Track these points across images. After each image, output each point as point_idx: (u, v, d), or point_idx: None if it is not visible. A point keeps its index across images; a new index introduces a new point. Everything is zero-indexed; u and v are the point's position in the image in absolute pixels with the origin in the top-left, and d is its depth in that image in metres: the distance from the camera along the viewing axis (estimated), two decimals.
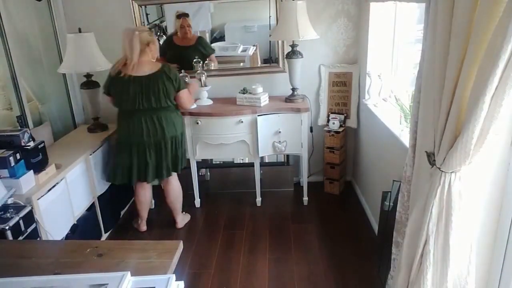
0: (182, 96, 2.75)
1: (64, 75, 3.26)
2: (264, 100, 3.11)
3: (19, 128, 2.59)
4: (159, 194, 3.24)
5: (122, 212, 3.36)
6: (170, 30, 3.38)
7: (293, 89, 3.19)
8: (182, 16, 3.25)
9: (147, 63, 2.64)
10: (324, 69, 3.37)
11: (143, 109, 2.65)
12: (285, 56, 3.14)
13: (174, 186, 3.01)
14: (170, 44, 3.37)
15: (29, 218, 2.01)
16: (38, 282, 1.10)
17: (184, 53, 3.33)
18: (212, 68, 3.38)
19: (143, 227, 3.07)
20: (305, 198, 3.35)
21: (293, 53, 3.05)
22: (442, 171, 1.38)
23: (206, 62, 3.31)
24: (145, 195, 2.99)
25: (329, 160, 3.40)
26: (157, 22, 3.42)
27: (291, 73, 3.13)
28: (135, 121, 2.69)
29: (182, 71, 3.15)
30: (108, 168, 2.90)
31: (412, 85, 1.98)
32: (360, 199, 3.37)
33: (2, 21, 2.58)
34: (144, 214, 3.05)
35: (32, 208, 2.06)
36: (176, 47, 3.36)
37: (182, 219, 3.14)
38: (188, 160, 3.18)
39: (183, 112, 3.04)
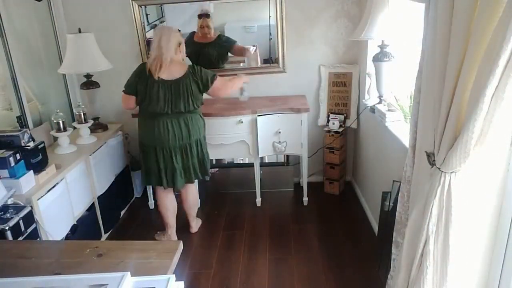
0: (217, 87, 2.63)
1: (64, 75, 3.26)
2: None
3: (19, 128, 2.59)
4: None
5: (122, 212, 3.35)
6: None
7: (380, 98, 2.78)
8: (203, 16, 3.26)
9: (178, 64, 2.56)
10: (324, 69, 3.37)
11: (169, 113, 2.56)
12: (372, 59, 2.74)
13: (193, 191, 2.94)
14: (190, 41, 3.34)
15: (29, 218, 2.01)
16: (38, 282, 1.10)
17: (204, 50, 3.33)
18: (253, 65, 3.41)
19: (175, 236, 2.92)
20: (305, 198, 3.35)
21: (383, 55, 2.65)
22: (442, 171, 1.38)
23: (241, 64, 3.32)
24: (170, 201, 2.86)
25: (329, 160, 3.40)
26: (157, 22, 3.42)
27: (378, 78, 2.73)
28: (160, 124, 2.58)
29: None
30: (143, 173, 2.80)
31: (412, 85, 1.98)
32: (360, 199, 3.37)
33: (2, 21, 2.58)
34: (172, 221, 2.89)
35: (32, 208, 2.06)
36: (196, 44, 3.35)
37: (196, 223, 3.09)
38: None
39: None
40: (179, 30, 2.67)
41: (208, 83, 2.60)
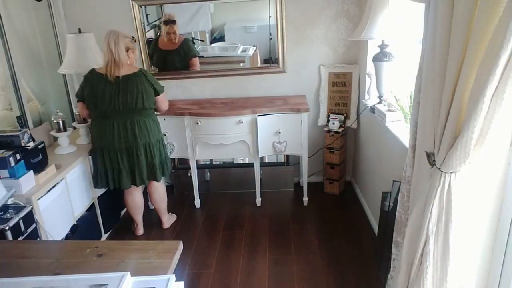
0: (161, 99, 2.71)
1: (64, 75, 3.26)
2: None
3: (19, 128, 2.59)
4: None
5: (122, 213, 3.35)
6: None
7: (380, 98, 2.76)
8: (169, 23, 3.29)
9: (126, 65, 2.59)
10: (324, 69, 3.37)
11: (117, 111, 2.57)
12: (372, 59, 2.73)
13: (156, 188, 2.98)
14: (156, 47, 3.42)
15: (29, 218, 2.01)
16: (38, 282, 1.10)
17: (168, 57, 3.39)
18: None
19: (139, 231, 3.05)
20: (305, 199, 3.35)
21: (383, 55, 2.65)
22: (442, 171, 1.38)
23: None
24: (133, 200, 2.94)
25: (329, 160, 3.40)
26: (157, 22, 3.42)
27: (378, 78, 2.72)
28: (107, 125, 2.62)
29: None
30: (93, 174, 2.82)
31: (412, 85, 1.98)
32: (360, 199, 3.37)
33: (2, 21, 2.58)
34: (138, 218, 3.01)
35: (32, 208, 2.06)
36: (161, 51, 3.42)
37: (168, 219, 3.14)
38: (188, 160, 3.19)
39: (183, 113, 3.04)
40: (133, 38, 2.69)
41: (159, 90, 2.67)
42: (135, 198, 2.94)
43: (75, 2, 3.24)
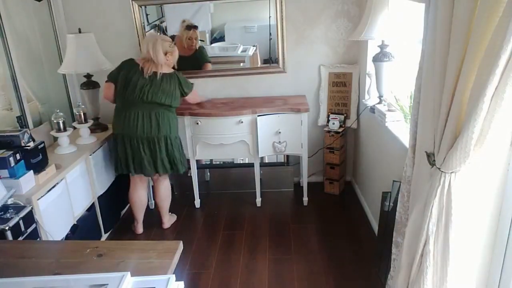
0: (190, 98, 2.95)
1: (64, 75, 3.26)
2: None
3: (19, 128, 2.59)
4: None
5: (122, 212, 3.36)
6: (170, 30, 3.38)
7: (380, 98, 2.77)
8: (192, 28, 3.28)
9: (164, 66, 2.73)
10: (324, 69, 3.37)
11: (143, 102, 2.69)
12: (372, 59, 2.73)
13: (164, 185, 3.00)
14: None
15: (29, 218, 2.01)
16: (38, 282, 1.10)
17: (184, 63, 3.34)
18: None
19: (139, 230, 3.06)
20: (305, 199, 3.35)
21: (383, 55, 2.64)
22: (442, 171, 1.38)
23: None
24: (138, 197, 2.97)
25: (329, 160, 3.40)
26: (157, 22, 3.42)
27: (378, 78, 2.72)
28: (131, 114, 2.72)
29: None
30: (113, 161, 2.95)
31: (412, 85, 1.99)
32: (360, 199, 3.37)
33: (2, 21, 2.58)
34: (139, 216, 3.03)
35: (32, 208, 2.06)
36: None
37: (168, 219, 3.14)
38: (188, 160, 3.19)
39: (183, 113, 3.04)
40: (173, 41, 2.80)
41: (187, 92, 2.85)
42: (140, 195, 2.98)
43: (75, 2, 3.24)
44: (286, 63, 3.34)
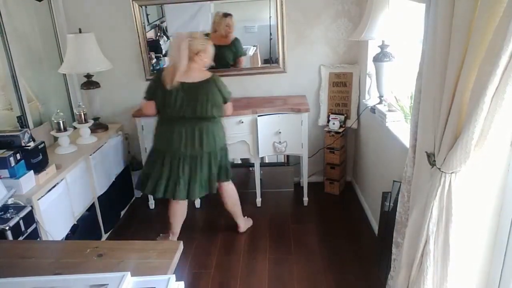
0: (227, 107, 2.66)
1: (64, 75, 3.26)
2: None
3: (19, 128, 2.59)
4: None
5: (122, 212, 3.36)
6: (170, 30, 3.38)
7: (380, 98, 2.78)
8: (228, 15, 3.27)
9: (197, 71, 2.51)
10: (324, 70, 3.37)
11: (186, 118, 2.51)
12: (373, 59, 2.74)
13: (228, 192, 2.87)
14: None
15: (29, 218, 2.01)
16: (38, 282, 1.10)
17: (219, 52, 3.15)
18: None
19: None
20: (305, 199, 3.35)
21: (383, 55, 2.65)
22: (442, 171, 1.38)
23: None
24: (180, 208, 2.77)
25: (329, 160, 3.40)
26: (157, 22, 3.42)
27: (378, 78, 2.72)
28: (174, 130, 2.53)
29: None
30: (141, 177, 2.72)
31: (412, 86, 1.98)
32: (360, 199, 3.37)
33: (2, 21, 2.58)
34: (177, 229, 2.81)
35: (32, 208, 2.06)
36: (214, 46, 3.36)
37: (244, 223, 3.03)
38: None
39: None
40: (207, 35, 2.60)
41: (227, 98, 2.61)
42: (181, 205, 2.78)
43: (75, 2, 3.24)
44: (287, 63, 3.34)
